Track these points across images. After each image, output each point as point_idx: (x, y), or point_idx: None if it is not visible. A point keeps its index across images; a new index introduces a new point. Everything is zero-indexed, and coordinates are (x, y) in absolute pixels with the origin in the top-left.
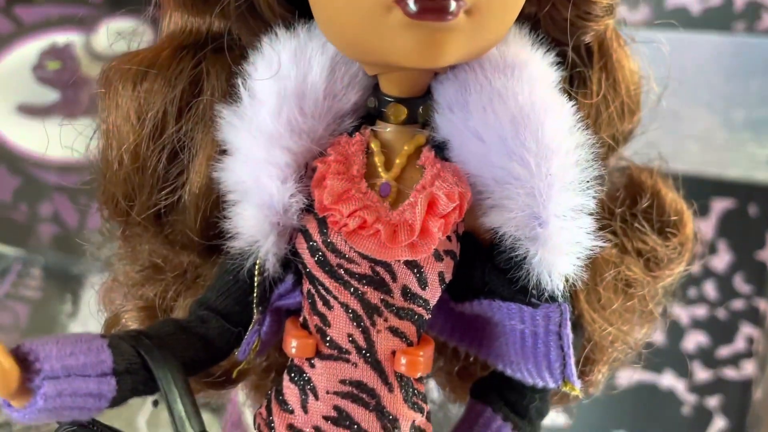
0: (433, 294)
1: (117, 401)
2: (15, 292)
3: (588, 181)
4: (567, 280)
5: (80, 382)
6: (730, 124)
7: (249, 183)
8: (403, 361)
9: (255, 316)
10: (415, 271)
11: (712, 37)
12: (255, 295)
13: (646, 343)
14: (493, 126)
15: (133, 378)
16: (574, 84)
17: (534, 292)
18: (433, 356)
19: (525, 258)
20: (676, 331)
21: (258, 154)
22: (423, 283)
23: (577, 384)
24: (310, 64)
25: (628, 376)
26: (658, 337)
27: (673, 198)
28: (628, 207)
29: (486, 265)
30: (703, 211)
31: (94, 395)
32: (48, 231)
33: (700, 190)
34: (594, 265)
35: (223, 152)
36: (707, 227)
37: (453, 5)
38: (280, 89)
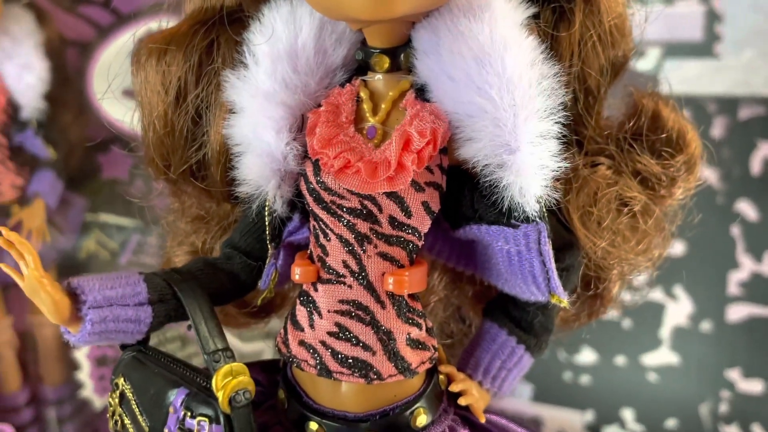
0: (420, 221)
1: (155, 326)
2: (136, 259)
3: (552, 109)
4: (540, 201)
5: (120, 310)
6: None
7: (250, 136)
8: (390, 281)
9: (270, 251)
10: (398, 201)
11: None
12: (267, 232)
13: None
14: (460, 66)
15: (166, 306)
16: (556, 20)
17: (514, 214)
18: (426, 276)
19: (501, 184)
20: None
21: (257, 111)
22: (407, 213)
23: (564, 296)
24: (300, 25)
25: (739, 311)
26: None
27: (675, 119)
28: (627, 131)
29: (473, 193)
30: None
31: (134, 321)
32: (161, 204)
33: None
34: (587, 186)
35: (232, 112)
36: None
37: None
38: (273, 51)
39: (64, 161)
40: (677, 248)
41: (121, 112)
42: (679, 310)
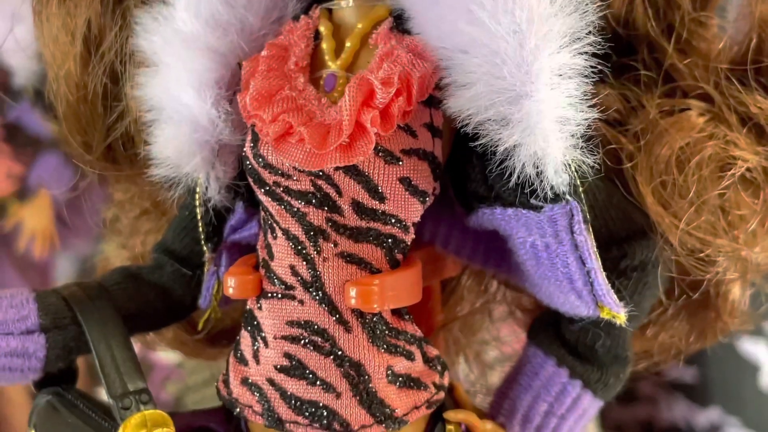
0: (400, 206)
1: (52, 360)
2: None
3: (579, 32)
4: (569, 170)
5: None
6: None
7: (162, 97)
8: (353, 293)
9: (207, 255)
10: (361, 179)
11: None
12: (201, 229)
13: None
14: None
15: (63, 334)
16: None
17: (535, 191)
18: (420, 282)
19: (505, 147)
20: None
21: (174, 62)
22: (376, 194)
23: (617, 308)
24: None
25: None
26: None
27: None
28: (732, 59)
29: (484, 162)
30: None
31: (20, 354)
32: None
33: None
34: (666, 142)
35: (149, 66)
36: None
37: None
38: None
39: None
40: None
41: None
42: None
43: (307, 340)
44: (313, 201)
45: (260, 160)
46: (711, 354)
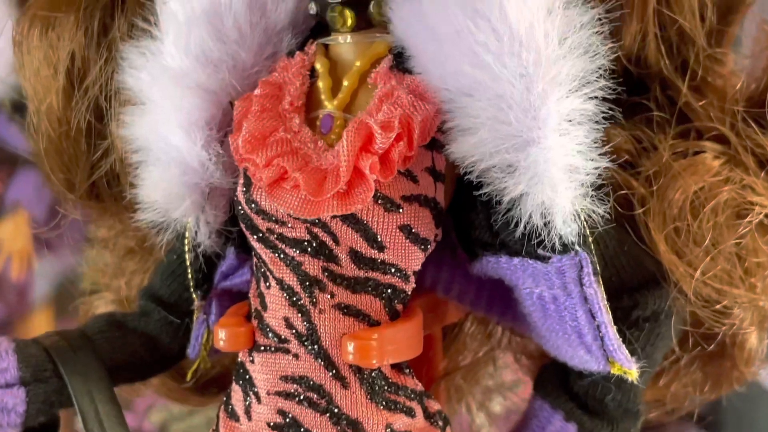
0: (400, 255)
1: (33, 415)
2: None
3: (588, 75)
4: (579, 219)
5: None
6: None
7: (150, 137)
8: (350, 348)
9: (196, 303)
10: (359, 228)
11: None
12: (190, 276)
13: None
14: (443, 17)
15: (45, 387)
16: None
17: (542, 240)
18: (421, 335)
19: (511, 197)
20: None
21: (162, 100)
22: (375, 243)
23: (628, 363)
24: None
25: None
26: None
27: None
28: (749, 98)
29: (488, 209)
30: None
31: None
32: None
33: None
34: (680, 186)
35: (136, 103)
36: None
37: None
38: (187, 10)
39: None
40: None
41: None
42: None
43: (302, 397)
44: (309, 249)
45: (253, 205)
46: None
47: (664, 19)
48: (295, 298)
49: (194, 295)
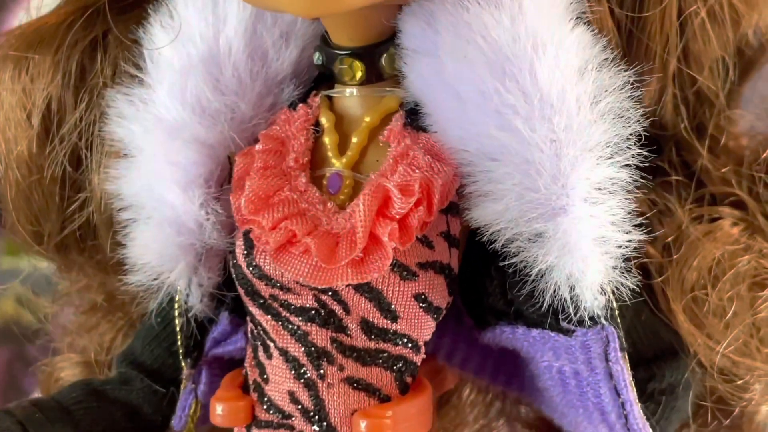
0: (413, 325)
1: None
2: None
3: (621, 142)
4: (606, 293)
5: None
6: None
7: (143, 193)
8: (363, 426)
9: (185, 372)
10: (373, 297)
11: None
12: (179, 342)
13: None
14: (468, 76)
15: None
16: None
17: (566, 313)
18: (431, 409)
19: (538, 268)
20: None
21: (155, 154)
22: (389, 313)
23: None
24: (224, 15)
25: None
26: None
27: None
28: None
29: (505, 277)
30: None
31: None
32: None
33: None
34: (698, 255)
35: (123, 155)
36: None
37: None
38: (182, 58)
39: None
40: None
41: None
42: None
43: None
44: (317, 319)
45: (256, 270)
46: None
47: (683, 79)
48: (301, 371)
49: (183, 363)
